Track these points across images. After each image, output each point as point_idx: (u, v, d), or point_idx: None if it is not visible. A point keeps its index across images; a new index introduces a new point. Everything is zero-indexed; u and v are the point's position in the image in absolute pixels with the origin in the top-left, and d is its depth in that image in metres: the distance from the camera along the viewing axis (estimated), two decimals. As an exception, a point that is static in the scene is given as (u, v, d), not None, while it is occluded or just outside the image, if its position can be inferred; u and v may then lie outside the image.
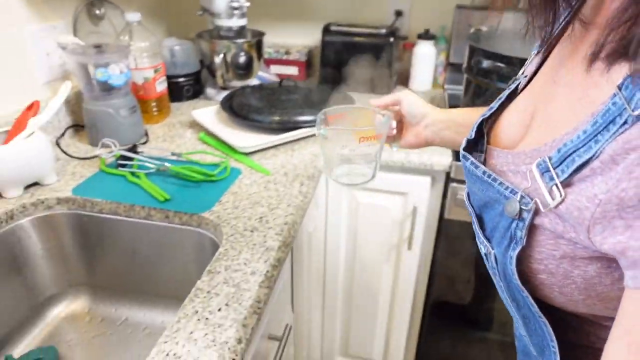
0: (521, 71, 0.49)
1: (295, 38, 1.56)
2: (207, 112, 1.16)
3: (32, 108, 0.86)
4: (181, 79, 1.30)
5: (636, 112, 0.28)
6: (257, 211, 0.80)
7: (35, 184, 0.86)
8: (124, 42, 1.09)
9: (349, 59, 1.36)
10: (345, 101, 1.18)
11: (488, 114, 0.48)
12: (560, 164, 0.33)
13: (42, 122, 0.84)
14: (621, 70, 0.30)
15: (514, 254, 0.37)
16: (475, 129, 0.47)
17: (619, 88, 0.30)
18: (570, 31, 0.39)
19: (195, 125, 1.16)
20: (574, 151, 0.32)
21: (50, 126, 1.02)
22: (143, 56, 1.11)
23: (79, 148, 1.03)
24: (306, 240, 1.02)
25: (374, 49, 1.37)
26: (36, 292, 0.86)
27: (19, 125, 0.84)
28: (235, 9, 1.24)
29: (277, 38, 1.56)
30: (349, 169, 0.66)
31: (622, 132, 0.29)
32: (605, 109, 0.30)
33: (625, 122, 0.29)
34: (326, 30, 1.41)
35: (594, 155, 0.31)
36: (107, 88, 0.99)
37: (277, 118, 1.07)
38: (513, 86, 0.48)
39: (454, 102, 1.35)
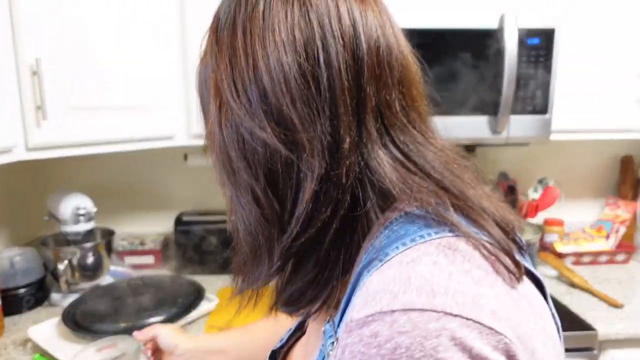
0: None
1: (150, 227, 1.62)
2: (46, 326, 1.11)
3: None
4: (21, 290, 1.24)
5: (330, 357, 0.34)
6: None
7: None
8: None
9: (201, 246, 1.46)
10: (194, 291, 1.24)
11: (278, 345, 0.54)
12: None
13: None
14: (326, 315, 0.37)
15: None
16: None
17: (324, 332, 0.37)
18: None
19: (32, 342, 1.09)
20: None
21: None
22: (-27, 279, 1.07)
23: None
24: None
25: (227, 235, 1.49)
26: None
27: None
28: (82, 215, 1.29)
29: (130, 228, 1.61)
30: None
31: None
32: (321, 346, 0.38)
33: None
34: (178, 220, 1.51)
35: None
36: None
37: (122, 325, 1.07)
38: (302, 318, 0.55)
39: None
